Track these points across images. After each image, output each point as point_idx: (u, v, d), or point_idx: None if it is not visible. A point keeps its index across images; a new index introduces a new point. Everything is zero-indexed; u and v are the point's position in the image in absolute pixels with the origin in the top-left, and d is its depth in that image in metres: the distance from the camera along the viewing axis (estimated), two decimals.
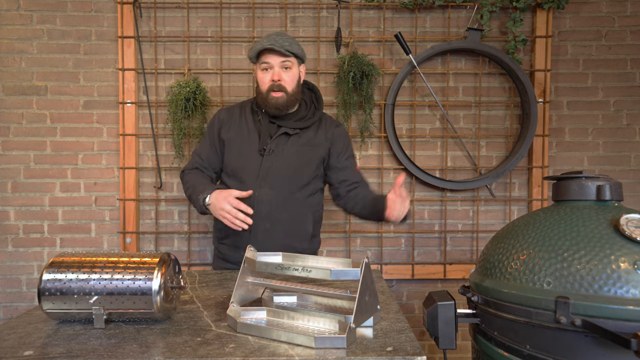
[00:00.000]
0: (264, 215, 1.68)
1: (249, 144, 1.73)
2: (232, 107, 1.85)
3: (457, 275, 2.44)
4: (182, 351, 0.88)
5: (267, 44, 1.63)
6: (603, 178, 1.15)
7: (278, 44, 1.63)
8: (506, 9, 2.41)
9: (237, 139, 1.75)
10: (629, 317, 0.90)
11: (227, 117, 1.81)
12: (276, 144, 1.71)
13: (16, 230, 2.43)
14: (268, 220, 1.68)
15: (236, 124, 1.78)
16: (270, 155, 1.70)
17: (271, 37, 1.66)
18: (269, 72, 1.68)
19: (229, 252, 1.77)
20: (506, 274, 1.09)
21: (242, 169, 1.72)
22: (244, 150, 1.74)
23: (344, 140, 1.82)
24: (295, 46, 1.68)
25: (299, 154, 1.72)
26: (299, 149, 1.73)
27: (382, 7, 2.42)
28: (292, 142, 1.72)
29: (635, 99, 2.46)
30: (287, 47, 1.64)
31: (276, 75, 1.66)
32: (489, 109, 2.47)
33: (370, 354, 0.85)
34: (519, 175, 2.48)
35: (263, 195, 1.68)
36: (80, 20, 2.41)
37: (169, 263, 1.06)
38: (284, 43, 1.64)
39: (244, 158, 1.73)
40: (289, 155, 1.71)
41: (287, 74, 1.68)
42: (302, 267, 1.00)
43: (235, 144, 1.75)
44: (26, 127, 2.42)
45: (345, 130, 1.87)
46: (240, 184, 1.71)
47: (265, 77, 1.68)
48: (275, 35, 1.68)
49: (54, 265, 1.03)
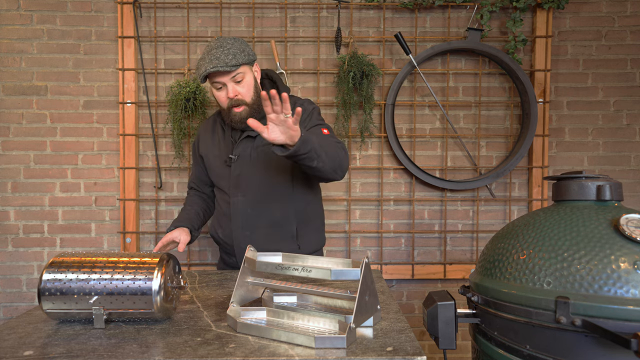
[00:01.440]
0: (242, 224, 1.66)
1: (219, 155, 1.73)
2: (208, 120, 1.84)
3: (457, 275, 2.44)
4: (182, 351, 0.88)
5: (210, 68, 1.52)
6: (603, 178, 1.15)
7: (222, 63, 1.51)
8: (506, 9, 2.41)
9: (210, 153, 1.76)
10: (629, 317, 0.90)
11: (203, 132, 1.82)
12: (242, 149, 1.66)
13: (16, 230, 2.43)
14: (247, 228, 1.66)
15: (209, 138, 1.78)
16: (237, 162, 1.67)
17: (212, 55, 1.53)
18: (223, 90, 1.60)
19: (224, 256, 1.81)
20: (506, 274, 1.09)
21: (218, 181, 1.74)
22: (216, 162, 1.73)
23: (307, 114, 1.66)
24: (240, 55, 1.55)
25: (265, 153, 1.64)
26: (265, 148, 1.64)
27: (382, 7, 2.42)
28: (257, 143, 1.66)
29: (635, 99, 2.46)
30: (232, 62, 1.53)
31: (231, 92, 1.57)
32: (489, 109, 2.47)
33: (370, 354, 0.85)
34: (519, 175, 2.48)
35: (238, 204, 1.66)
36: (80, 20, 2.41)
37: (169, 263, 1.06)
38: (227, 58, 1.52)
39: (217, 170, 1.73)
40: (255, 157, 1.66)
41: (242, 85, 1.59)
42: (302, 267, 1.00)
43: (209, 158, 1.76)
44: (26, 127, 2.42)
45: (312, 105, 1.70)
46: (221, 193, 1.74)
47: (221, 95, 1.61)
48: (215, 49, 1.55)
49: (54, 265, 1.03)
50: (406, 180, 2.47)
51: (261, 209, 1.66)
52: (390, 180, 2.47)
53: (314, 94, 2.44)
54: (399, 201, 2.47)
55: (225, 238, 1.72)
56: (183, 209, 1.82)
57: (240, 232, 1.66)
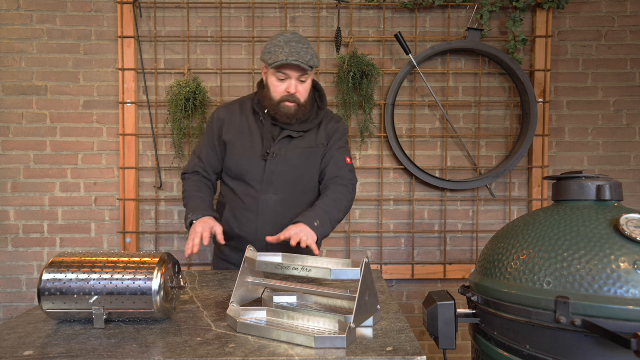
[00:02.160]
0: (268, 220, 1.66)
1: (251, 147, 1.68)
2: (231, 105, 1.78)
3: (457, 275, 2.44)
4: (182, 351, 0.88)
5: (292, 60, 1.53)
6: (603, 178, 1.15)
7: (303, 60, 1.55)
8: (506, 9, 2.41)
9: (239, 142, 1.69)
10: (629, 317, 0.90)
11: (227, 116, 1.74)
12: (279, 148, 1.66)
13: (16, 230, 2.43)
14: (272, 225, 1.66)
15: (237, 125, 1.71)
16: (274, 160, 1.65)
17: (293, 49, 1.55)
18: (284, 82, 1.61)
19: (231, 253, 1.76)
20: (506, 274, 1.09)
21: (245, 173, 1.68)
22: (247, 153, 1.68)
23: (340, 133, 1.76)
24: (315, 58, 1.61)
25: (302, 157, 1.68)
26: (303, 151, 1.68)
27: (382, 7, 2.42)
28: (296, 145, 1.68)
29: (635, 99, 2.46)
30: (310, 63, 1.57)
31: (293, 87, 1.60)
32: (489, 109, 2.47)
33: (370, 354, 0.85)
34: (519, 175, 2.48)
35: (268, 201, 1.66)
36: (80, 20, 2.41)
37: (169, 263, 1.06)
38: (306, 57, 1.56)
39: (247, 162, 1.68)
40: (293, 159, 1.67)
41: (303, 86, 1.62)
42: (302, 267, 1.00)
43: (238, 147, 1.69)
44: (26, 127, 2.42)
45: (345, 126, 1.82)
46: (245, 187, 1.68)
47: (280, 86, 1.61)
48: (296, 43, 1.57)
49: (54, 265, 1.03)
50: (406, 180, 2.47)
51: (290, 209, 1.68)
52: (390, 180, 2.47)
53: None
54: (399, 201, 2.47)
55: (243, 234, 1.68)
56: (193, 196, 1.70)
57: (265, 229, 1.65)
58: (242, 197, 1.69)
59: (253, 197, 1.67)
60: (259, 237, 1.65)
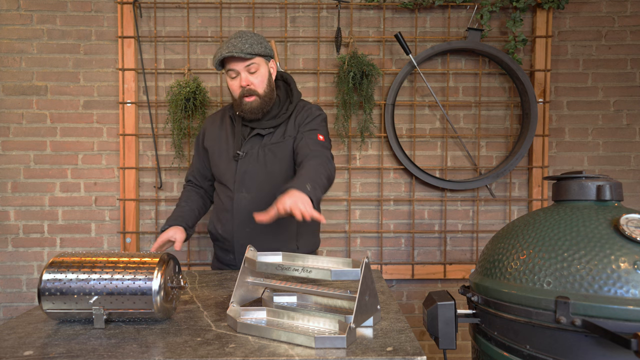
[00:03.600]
0: (243, 220, 1.67)
1: (226, 149, 1.74)
2: (216, 114, 1.86)
3: (457, 275, 2.44)
4: (182, 351, 0.88)
5: (225, 52, 1.57)
6: (603, 178, 1.15)
7: (237, 49, 1.57)
8: (506, 9, 2.41)
9: (216, 146, 1.77)
10: (629, 317, 0.90)
11: (210, 125, 1.83)
12: (250, 146, 1.69)
13: (16, 230, 2.43)
14: (248, 226, 1.66)
15: (216, 132, 1.79)
16: (244, 159, 1.69)
17: (230, 42, 1.59)
18: (237, 79, 1.64)
19: (220, 253, 1.80)
20: (506, 274, 1.09)
21: (222, 175, 1.74)
22: (222, 156, 1.74)
23: (310, 118, 1.70)
24: (258, 46, 1.60)
25: (273, 152, 1.69)
26: (272, 147, 1.69)
27: (382, 7, 2.42)
28: (266, 142, 1.69)
29: (635, 99, 2.46)
30: (248, 50, 1.58)
31: (244, 80, 1.61)
32: (489, 109, 2.47)
33: (370, 354, 0.85)
34: (519, 175, 2.48)
35: (241, 200, 1.68)
36: (80, 20, 2.41)
37: (169, 263, 1.06)
38: (244, 46, 1.58)
39: (222, 164, 1.74)
40: (263, 156, 1.68)
41: (255, 76, 1.62)
42: (302, 267, 1.00)
43: (215, 151, 1.77)
44: (26, 127, 2.42)
45: (320, 112, 1.74)
46: (223, 188, 1.74)
47: (234, 83, 1.65)
48: (234, 39, 1.60)
49: (54, 265, 1.03)
50: (406, 180, 2.47)
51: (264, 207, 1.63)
52: (390, 180, 2.47)
53: (314, 94, 2.44)
54: (399, 201, 2.47)
55: (224, 234, 1.72)
56: (178, 205, 1.81)
57: (241, 229, 1.67)
58: (221, 199, 1.75)
59: (229, 198, 1.71)
60: (236, 237, 1.69)
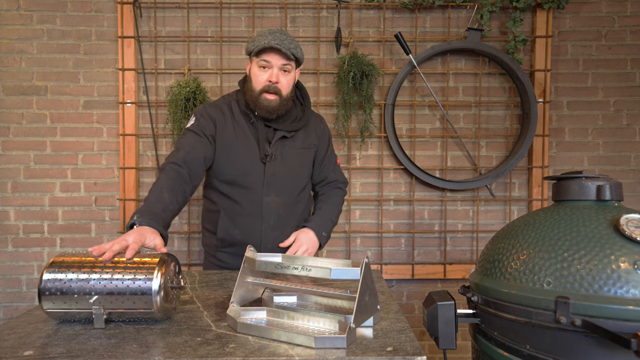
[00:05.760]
0: (273, 223, 1.65)
1: (248, 149, 1.63)
2: (217, 106, 1.68)
3: (457, 275, 2.44)
4: (182, 351, 0.88)
5: (274, 43, 1.53)
6: (603, 178, 1.15)
7: (285, 46, 1.54)
8: (506, 9, 2.41)
9: (236, 144, 1.63)
10: (629, 317, 0.90)
11: (219, 116, 1.65)
12: (276, 149, 1.65)
13: (16, 230, 2.43)
14: (277, 228, 1.66)
15: (229, 127, 1.65)
16: (272, 161, 1.64)
17: (276, 36, 1.55)
18: (266, 71, 1.58)
19: (230, 259, 1.70)
20: (506, 274, 1.09)
21: (240, 177, 1.63)
22: (245, 156, 1.64)
23: (328, 137, 1.84)
24: (299, 50, 1.61)
25: (298, 156, 1.70)
26: (298, 151, 1.70)
27: (382, 7, 2.42)
28: (290, 145, 1.68)
29: (635, 99, 2.46)
30: (293, 50, 1.57)
31: (274, 76, 1.57)
32: (489, 109, 2.47)
33: (370, 354, 0.85)
34: (519, 175, 2.48)
35: (270, 203, 1.64)
36: (80, 20, 2.41)
37: (169, 263, 1.06)
38: (290, 45, 1.57)
39: (244, 165, 1.63)
40: (290, 159, 1.67)
41: (285, 77, 1.60)
42: (302, 266, 1.00)
43: (233, 149, 1.63)
44: (26, 127, 2.42)
45: (324, 123, 1.85)
46: (244, 191, 1.64)
47: (261, 75, 1.58)
48: (279, 33, 1.57)
49: (54, 265, 1.03)
50: (406, 180, 2.47)
51: (292, 210, 1.70)
52: (390, 180, 2.47)
53: (314, 94, 2.44)
54: (399, 201, 2.47)
55: (245, 239, 1.64)
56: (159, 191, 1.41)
57: (270, 232, 1.65)
58: (241, 203, 1.65)
59: (254, 202, 1.64)
60: (264, 241, 1.65)
